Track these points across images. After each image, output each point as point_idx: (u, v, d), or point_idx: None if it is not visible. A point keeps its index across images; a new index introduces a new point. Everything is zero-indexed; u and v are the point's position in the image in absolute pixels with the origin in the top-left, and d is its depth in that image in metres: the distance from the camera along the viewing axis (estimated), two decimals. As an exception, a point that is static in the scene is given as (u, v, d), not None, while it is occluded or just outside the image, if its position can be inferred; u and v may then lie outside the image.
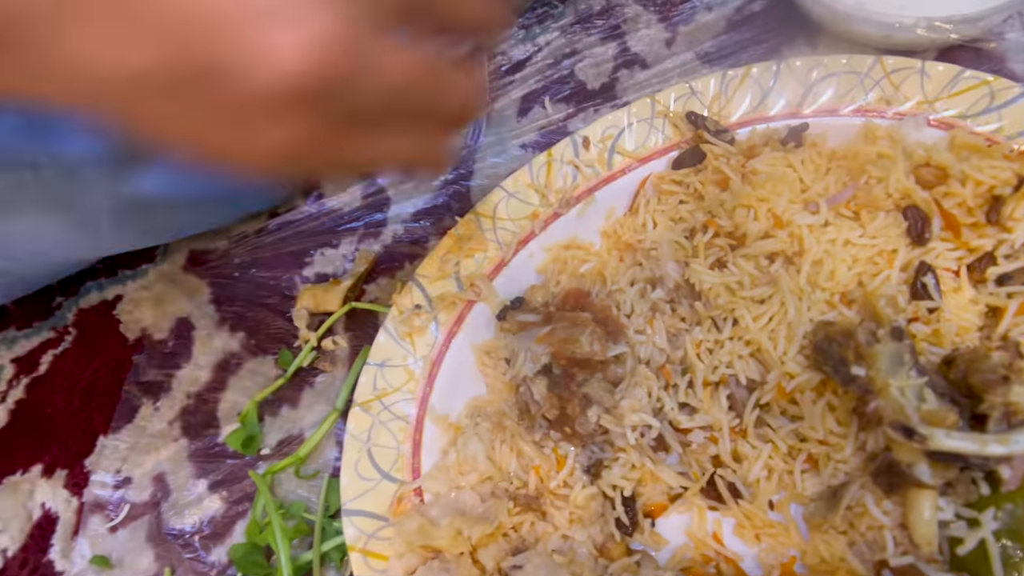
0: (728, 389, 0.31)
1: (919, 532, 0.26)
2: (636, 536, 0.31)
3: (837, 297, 0.30)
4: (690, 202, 0.36)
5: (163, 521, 0.38)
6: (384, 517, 0.32)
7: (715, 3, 0.48)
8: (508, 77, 0.49)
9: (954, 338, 0.29)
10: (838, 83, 0.37)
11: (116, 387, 0.44)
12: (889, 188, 0.32)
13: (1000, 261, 0.30)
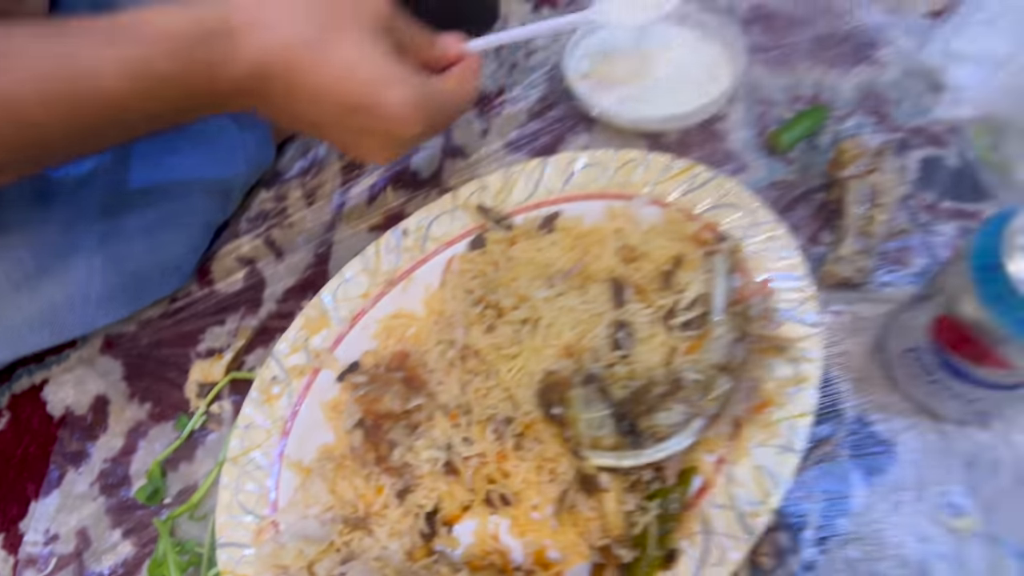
0: (494, 424, 0.42)
1: (611, 521, 0.37)
2: (436, 541, 0.42)
3: (561, 350, 0.41)
4: (478, 278, 0.47)
5: (85, 567, 0.48)
6: (248, 545, 0.42)
7: (520, 97, 0.59)
8: (359, 168, 0.60)
9: (645, 373, 0.40)
10: (587, 174, 0.48)
11: (44, 459, 0.53)
12: (602, 264, 0.43)
13: (678, 313, 0.41)
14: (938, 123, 0.48)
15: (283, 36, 0.34)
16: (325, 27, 0.34)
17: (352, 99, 0.35)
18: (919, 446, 0.39)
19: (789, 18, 0.54)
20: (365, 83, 0.35)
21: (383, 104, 0.35)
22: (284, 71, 0.34)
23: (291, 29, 0.34)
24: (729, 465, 0.37)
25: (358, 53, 0.35)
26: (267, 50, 0.34)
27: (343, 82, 0.35)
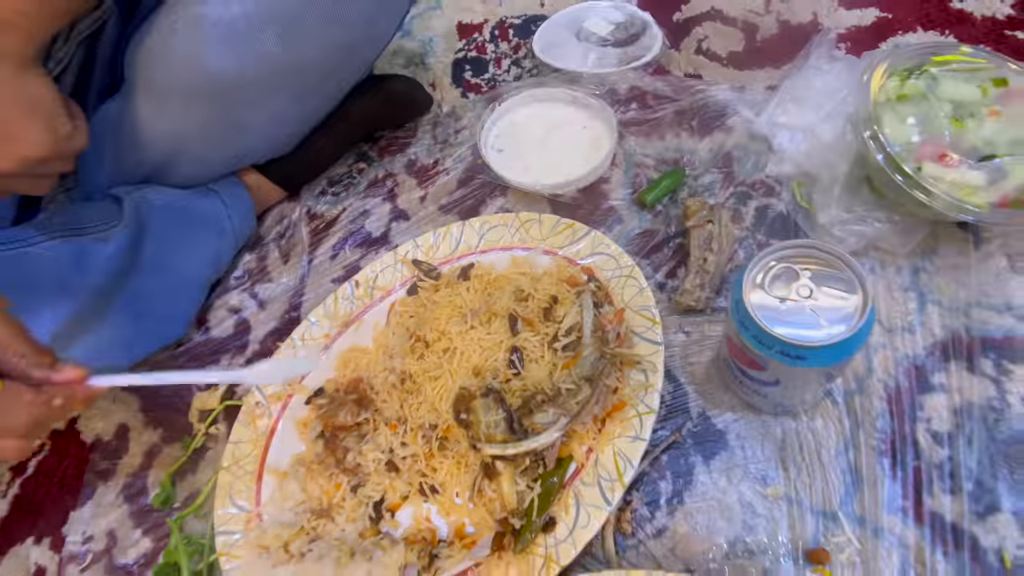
0: (423, 431, 0.54)
1: (506, 499, 0.49)
2: (382, 524, 0.54)
3: (471, 371, 0.54)
4: (413, 316, 0.60)
5: (114, 560, 0.60)
6: (239, 532, 0.55)
7: (451, 169, 0.72)
8: (325, 231, 0.73)
9: (534, 386, 0.53)
10: (496, 232, 0.62)
11: (79, 477, 0.66)
12: (502, 304, 0.56)
13: (560, 338, 0.54)
14: (770, 177, 0.61)
15: None
16: None
17: None
18: (744, 433, 0.51)
19: (657, 96, 0.68)
20: None
21: None
22: None
23: None
24: (596, 453, 0.50)
25: None
26: None
27: None
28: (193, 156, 0.65)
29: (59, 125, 0.49)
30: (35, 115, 0.47)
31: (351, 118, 0.69)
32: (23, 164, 0.48)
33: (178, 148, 0.64)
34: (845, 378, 0.51)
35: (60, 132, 0.49)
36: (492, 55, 0.80)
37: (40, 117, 0.47)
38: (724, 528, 0.48)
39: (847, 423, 0.50)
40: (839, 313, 0.39)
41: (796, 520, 0.47)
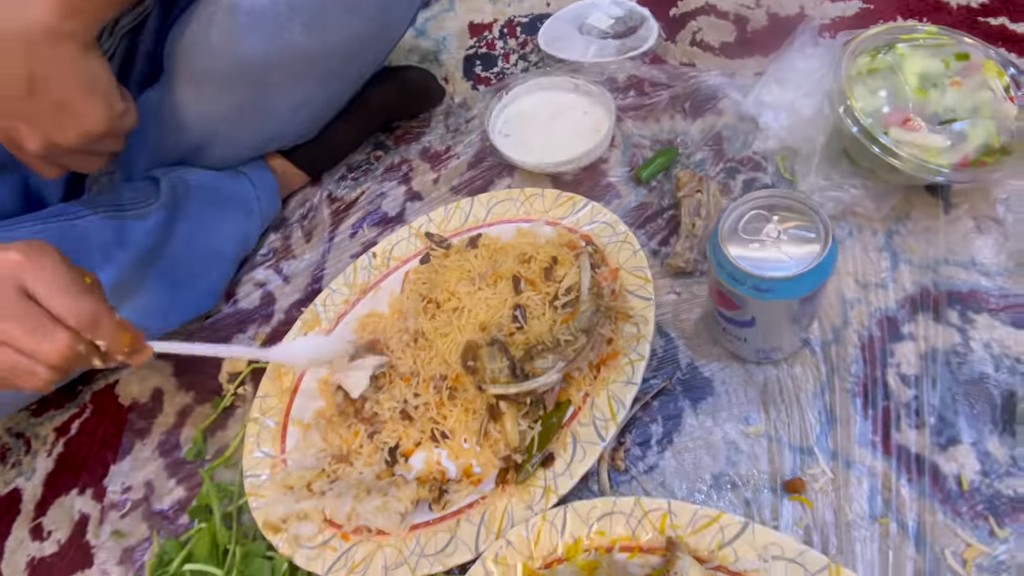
0: (435, 381, 0.59)
1: (509, 438, 0.54)
2: (396, 467, 0.58)
3: (478, 327, 0.59)
4: (426, 283, 0.65)
5: (151, 507, 0.65)
6: (265, 475, 0.60)
7: (461, 154, 0.78)
8: (344, 212, 0.79)
9: (536, 339, 0.57)
10: (502, 206, 0.67)
11: (118, 435, 0.71)
12: (507, 268, 0.61)
13: (560, 297, 0.58)
14: (757, 154, 0.66)
15: None
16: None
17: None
18: (730, 380, 0.56)
19: (653, 83, 0.73)
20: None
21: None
22: None
23: None
24: (592, 397, 0.54)
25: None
26: None
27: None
28: (225, 139, 0.71)
29: (115, 103, 0.55)
30: (95, 93, 0.53)
31: (370, 106, 0.76)
32: (83, 139, 0.54)
33: (212, 132, 0.70)
34: (823, 329, 0.55)
35: (116, 110, 0.55)
36: (501, 51, 0.86)
37: (100, 95, 0.53)
38: (710, 464, 0.52)
39: (823, 369, 0.54)
40: (804, 251, 0.43)
41: (775, 455, 0.51)
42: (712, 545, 0.46)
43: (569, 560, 0.48)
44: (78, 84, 0.52)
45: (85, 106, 0.53)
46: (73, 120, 0.53)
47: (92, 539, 0.66)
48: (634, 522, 0.48)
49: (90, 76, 0.53)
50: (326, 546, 0.54)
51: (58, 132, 0.53)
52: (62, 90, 0.51)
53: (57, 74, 0.51)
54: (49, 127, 0.53)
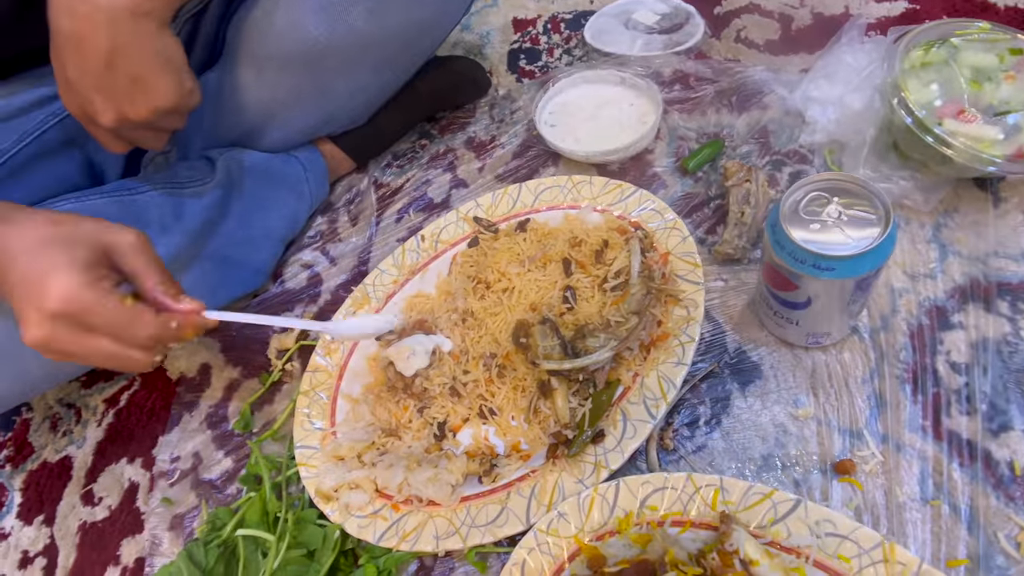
0: (484, 359, 0.60)
1: (559, 414, 0.55)
2: (444, 443, 0.59)
3: (528, 307, 0.60)
4: (474, 266, 0.67)
5: (199, 476, 0.67)
6: (315, 447, 0.61)
7: (506, 144, 0.80)
8: (390, 198, 0.81)
9: (585, 320, 0.58)
10: (550, 192, 0.68)
11: (167, 408, 0.73)
12: (557, 251, 0.62)
13: (609, 280, 0.60)
14: (803, 147, 0.67)
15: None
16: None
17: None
18: (778, 365, 0.56)
19: (699, 77, 0.74)
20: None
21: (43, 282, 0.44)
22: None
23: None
24: (641, 377, 0.55)
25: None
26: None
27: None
28: (281, 123, 0.73)
29: (186, 80, 0.57)
30: (168, 69, 0.55)
31: (419, 94, 0.78)
32: (153, 114, 0.56)
33: (269, 114, 0.72)
34: (871, 316, 0.56)
35: (186, 87, 0.57)
36: (545, 45, 0.88)
37: (172, 71, 0.56)
38: (758, 445, 0.53)
39: (872, 355, 0.54)
40: (864, 232, 0.44)
41: (825, 437, 0.52)
42: (764, 521, 0.47)
43: (621, 533, 0.49)
44: (154, 60, 0.54)
45: (158, 81, 0.55)
46: (146, 95, 0.55)
47: (142, 506, 0.67)
48: (685, 497, 0.49)
49: (165, 53, 0.55)
50: (377, 515, 0.55)
51: (130, 106, 0.55)
52: (138, 65, 0.53)
53: (135, 49, 0.53)
54: (123, 101, 0.55)
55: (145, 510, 0.67)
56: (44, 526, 0.70)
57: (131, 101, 0.55)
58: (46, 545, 0.68)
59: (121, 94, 0.55)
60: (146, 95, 0.55)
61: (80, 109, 0.56)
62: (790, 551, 0.45)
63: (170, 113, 0.58)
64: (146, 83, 0.55)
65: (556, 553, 0.49)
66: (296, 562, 0.55)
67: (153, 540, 0.64)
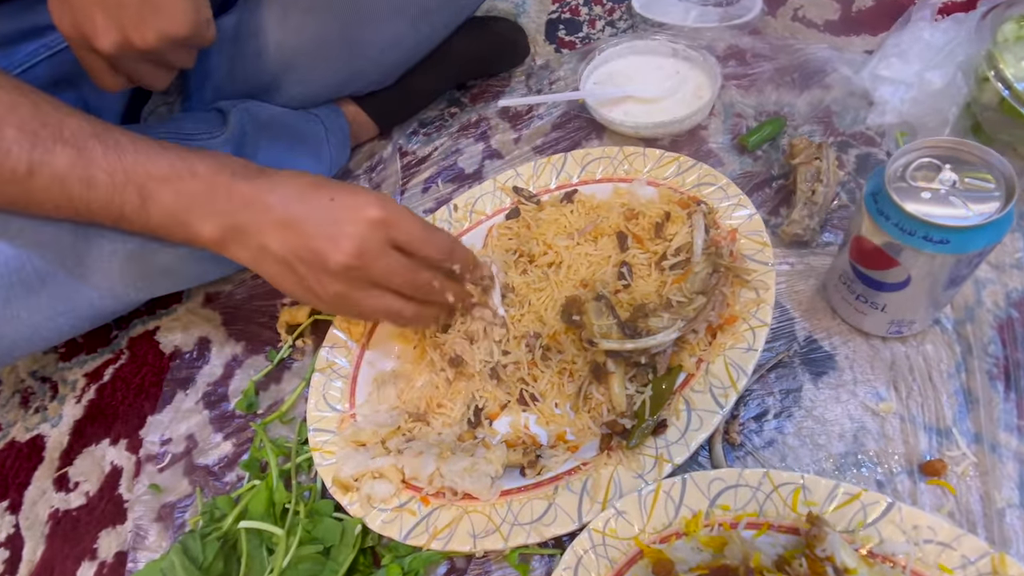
0: (527, 339, 0.54)
1: (615, 400, 0.49)
2: (479, 431, 0.53)
3: (578, 283, 0.54)
4: (513, 239, 0.61)
5: (194, 461, 0.59)
6: (332, 431, 0.54)
7: (545, 114, 0.74)
8: (416, 167, 0.75)
9: (642, 299, 0.53)
10: (598, 164, 0.63)
11: (158, 385, 0.65)
12: (610, 223, 0.57)
13: (668, 257, 0.54)
14: (870, 129, 0.63)
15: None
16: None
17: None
18: (853, 355, 0.51)
19: (755, 54, 0.70)
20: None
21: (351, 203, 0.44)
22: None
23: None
24: (706, 363, 0.50)
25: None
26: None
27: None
28: (302, 75, 0.67)
29: (203, 6, 0.50)
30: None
31: (454, 56, 0.72)
32: (161, 41, 0.49)
33: (290, 64, 0.66)
34: (955, 307, 0.51)
35: (202, 15, 0.51)
36: (586, 16, 0.83)
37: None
38: (834, 442, 0.48)
39: (958, 348, 0.50)
40: (983, 200, 0.39)
41: (909, 435, 0.47)
42: (852, 525, 0.41)
43: (689, 535, 0.43)
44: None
45: (172, 4, 0.48)
46: (156, 16, 0.48)
47: (125, 493, 0.60)
48: (762, 497, 0.43)
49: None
50: (403, 509, 0.49)
51: (136, 29, 0.48)
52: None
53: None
54: (128, 21, 0.48)
55: (129, 498, 0.59)
56: (8, 513, 0.61)
57: (138, 23, 0.48)
58: (9, 535, 0.60)
59: (127, 13, 0.48)
60: (157, 17, 0.48)
61: (75, 28, 0.49)
62: (883, 559, 0.40)
63: (180, 44, 0.51)
64: (157, 4, 0.48)
65: (614, 556, 0.43)
66: (310, 559, 0.48)
67: (137, 532, 0.56)
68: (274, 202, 0.44)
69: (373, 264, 0.44)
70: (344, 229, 0.43)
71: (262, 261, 0.46)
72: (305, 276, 0.45)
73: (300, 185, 0.45)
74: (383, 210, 0.44)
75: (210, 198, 0.44)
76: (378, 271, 0.45)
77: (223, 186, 0.44)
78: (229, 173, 0.45)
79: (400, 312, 0.48)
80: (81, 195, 0.43)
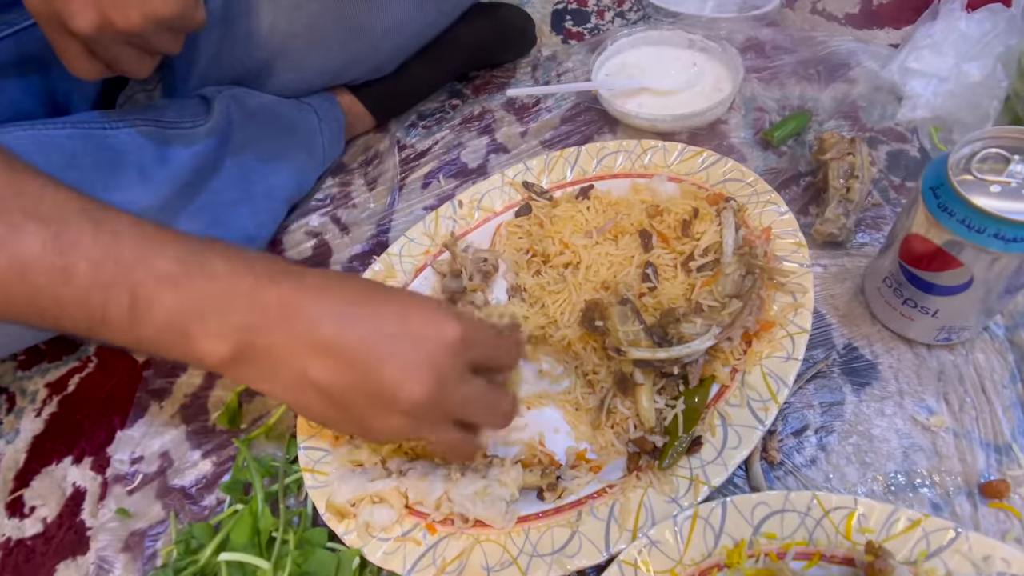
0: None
1: (644, 415, 0.44)
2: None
3: (598, 286, 0.50)
4: (524, 237, 0.56)
5: (168, 482, 0.53)
6: (325, 448, 0.48)
7: (553, 107, 0.70)
8: (415, 162, 0.70)
9: (669, 303, 0.48)
10: (614, 158, 0.59)
11: (129, 396, 0.59)
12: (632, 220, 0.52)
13: (696, 258, 0.50)
14: (900, 124, 0.59)
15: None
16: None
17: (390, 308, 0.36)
18: (898, 364, 0.47)
19: (775, 46, 0.66)
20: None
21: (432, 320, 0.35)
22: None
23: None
24: (742, 373, 0.45)
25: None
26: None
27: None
28: (295, 60, 0.61)
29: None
30: None
31: (458, 43, 0.67)
32: (146, 22, 0.44)
33: (280, 49, 0.60)
34: (1005, 313, 0.48)
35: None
36: (594, 7, 0.79)
37: None
38: (883, 460, 0.44)
39: (1011, 357, 0.46)
40: (1063, 196, 0.36)
41: (965, 452, 0.43)
42: (914, 555, 0.37)
43: (731, 567, 0.39)
44: None
45: None
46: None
47: (88, 518, 0.53)
48: (811, 523, 0.39)
49: None
50: (407, 538, 0.43)
51: (118, 8, 0.43)
52: None
53: None
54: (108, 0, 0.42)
55: (93, 524, 0.52)
56: (-45, 541, 0.55)
57: (120, 1, 0.43)
58: (-45, 567, 0.53)
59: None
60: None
61: (47, 6, 0.43)
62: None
63: (167, 28, 0.46)
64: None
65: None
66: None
67: (101, 564, 0.50)
68: (317, 316, 0.34)
69: (452, 395, 0.36)
70: (419, 357, 0.34)
71: (297, 392, 0.35)
72: (360, 412, 0.35)
73: (350, 292, 0.36)
74: (461, 327, 0.36)
75: (226, 305, 0.33)
76: (456, 402, 0.36)
77: (245, 290, 0.34)
78: (254, 274, 0.34)
79: (463, 450, 0.40)
80: (49, 290, 0.32)
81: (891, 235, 0.45)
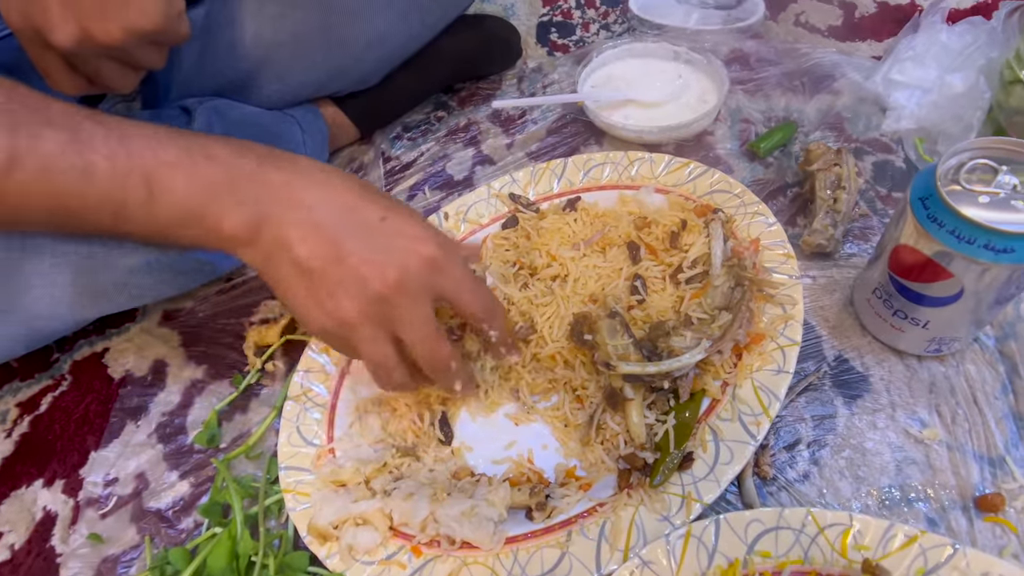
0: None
1: (634, 431, 0.43)
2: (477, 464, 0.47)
3: (587, 299, 0.49)
4: (511, 250, 0.55)
5: (143, 504, 0.51)
6: (307, 469, 0.47)
7: (539, 119, 0.69)
8: (400, 174, 0.69)
9: (658, 316, 0.48)
10: (601, 170, 0.58)
11: (104, 415, 0.57)
12: (619, 232, 0.52)
13: (685, 270, 0.49)
14: (885, 135, 0.59)
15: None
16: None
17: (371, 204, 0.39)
18: (889, 376, 0.47)
19: (760, 58, 0.67)
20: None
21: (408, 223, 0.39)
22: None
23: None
24: (732, 387, 0.44)
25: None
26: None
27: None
28: (278, 71, 0.60)
29: (176, 1, 0.44)
30: None
31: (443, 55, 0.67)
32: (128, 36, 0.43)
33: (264, 60, 0.59)
34: (994, 323, 0.48)
35: (174, 7, 0.44)
36: (579, 20, 0.79)
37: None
38: (876, 474, 0.43)
39: (1002, 368, 0.46)
40: (1051, 206, 0.36)
41: (959, 465, 0.43)
42: (912, 572, 0.36)
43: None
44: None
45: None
46: (122, 7, 0.42)
47: (59, 545, 0.51)
48: (806, 540, 0.38)
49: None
50: (391, 561, 0.42)
51: (98, 22, 0.42)
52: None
53: None
54: (89, 12, 0.41)
55: (63, 551, 0.50)
56: (-83, 571, 0.52)
57: (101, 14, 0.41)
58: (-83, 597, 0.51)
59: (88, 2, 0.41)
60: (122, 8, 0.42)
61: (25, 19, 0.42)
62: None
63: (149, 41, 0.45)
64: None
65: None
66: (280, 624, 0.41)
67: (72, 591, 0.48)
68: (311, 201, 0.37)
69: (404, 305, 0.38)
70: (392, 257, 0.37)
71: (275, 261, 0.38)
72: (324, 292, 0.38)
73: (342, 188, 0.39)
74: (439, 250, 0.38)
75: (232, 186, 0.37)
76: (404, 315, 0.38)
77: (247, 172, 0.37)
78: (254, 157, 0.38)
79: (389, 371, 0.41)
80: (75, 188, 0.36)
81: (880, 246, 0.45)
